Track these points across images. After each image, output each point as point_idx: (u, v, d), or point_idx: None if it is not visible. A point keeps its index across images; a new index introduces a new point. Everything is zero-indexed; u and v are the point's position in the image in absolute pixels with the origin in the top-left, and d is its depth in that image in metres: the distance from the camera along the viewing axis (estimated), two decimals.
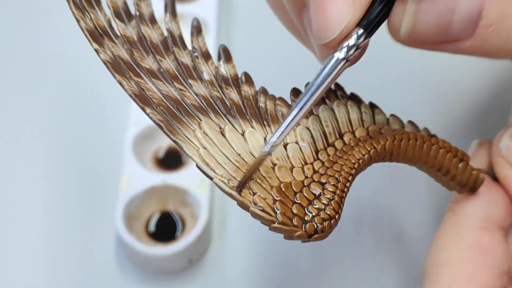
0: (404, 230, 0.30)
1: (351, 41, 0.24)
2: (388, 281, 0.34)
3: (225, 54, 0.28)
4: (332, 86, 0.29)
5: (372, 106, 0.29)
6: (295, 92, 0.28)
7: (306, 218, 0.24)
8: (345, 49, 0.24)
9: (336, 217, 0.24)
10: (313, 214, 0.24)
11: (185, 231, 0.39)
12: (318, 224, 0.24)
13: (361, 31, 0.24)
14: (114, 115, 0.42)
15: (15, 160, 0.42)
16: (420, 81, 0.44)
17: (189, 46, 0.28)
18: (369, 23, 0.25)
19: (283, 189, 0.24)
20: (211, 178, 0.24)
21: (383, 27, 0.25)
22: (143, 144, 0.41)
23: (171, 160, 0.41)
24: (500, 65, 0.43)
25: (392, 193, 0.39)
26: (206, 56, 0.28)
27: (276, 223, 0.23)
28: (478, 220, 0.28)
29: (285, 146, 0.26)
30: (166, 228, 0.39)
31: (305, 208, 0.24)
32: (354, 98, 0.29)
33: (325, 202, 0.24)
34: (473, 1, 0.23)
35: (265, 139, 0.26)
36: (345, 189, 0.25)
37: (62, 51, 0.46)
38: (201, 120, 0.25)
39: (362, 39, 0.25)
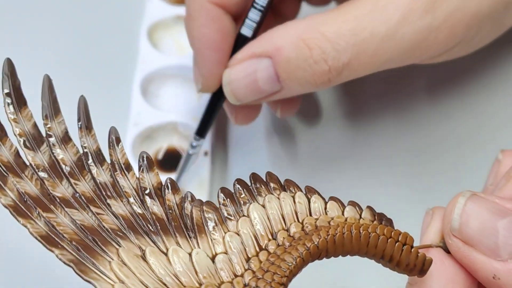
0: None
1: (194, 142, 0.38)
2: (388, 281, 0.34)
3: (148, 162, 0.26)
4: (264, 178, 0.28)
5: (310, 191, 0.28)
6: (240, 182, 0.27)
7: None
8: (191, 148, 0.38)
9: None
10: None
11: None
12: None
13: (197, 137, 0.38)
14: (114, 116, 0.42)
15: None
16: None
17: (108, 159, 0.26)
18: (200, 131, 0.38)
19: None
20: None
21: None
22: (142, 145, 0.41)
23: (170, 161, 0.41)
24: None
25: (391, 193, 0.39)
26: (127, 167, 0.26)
27: None
28: None
29: (213, 258, 0.24)
30: None
31: None
32: (289, 187, 0.28)
33: None
34: (268, 68, 0.33)
35: (190, 254, 0.24)
36: None
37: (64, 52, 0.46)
38: (119, 247, 0.24)
39: (199, 141, 0.38)
